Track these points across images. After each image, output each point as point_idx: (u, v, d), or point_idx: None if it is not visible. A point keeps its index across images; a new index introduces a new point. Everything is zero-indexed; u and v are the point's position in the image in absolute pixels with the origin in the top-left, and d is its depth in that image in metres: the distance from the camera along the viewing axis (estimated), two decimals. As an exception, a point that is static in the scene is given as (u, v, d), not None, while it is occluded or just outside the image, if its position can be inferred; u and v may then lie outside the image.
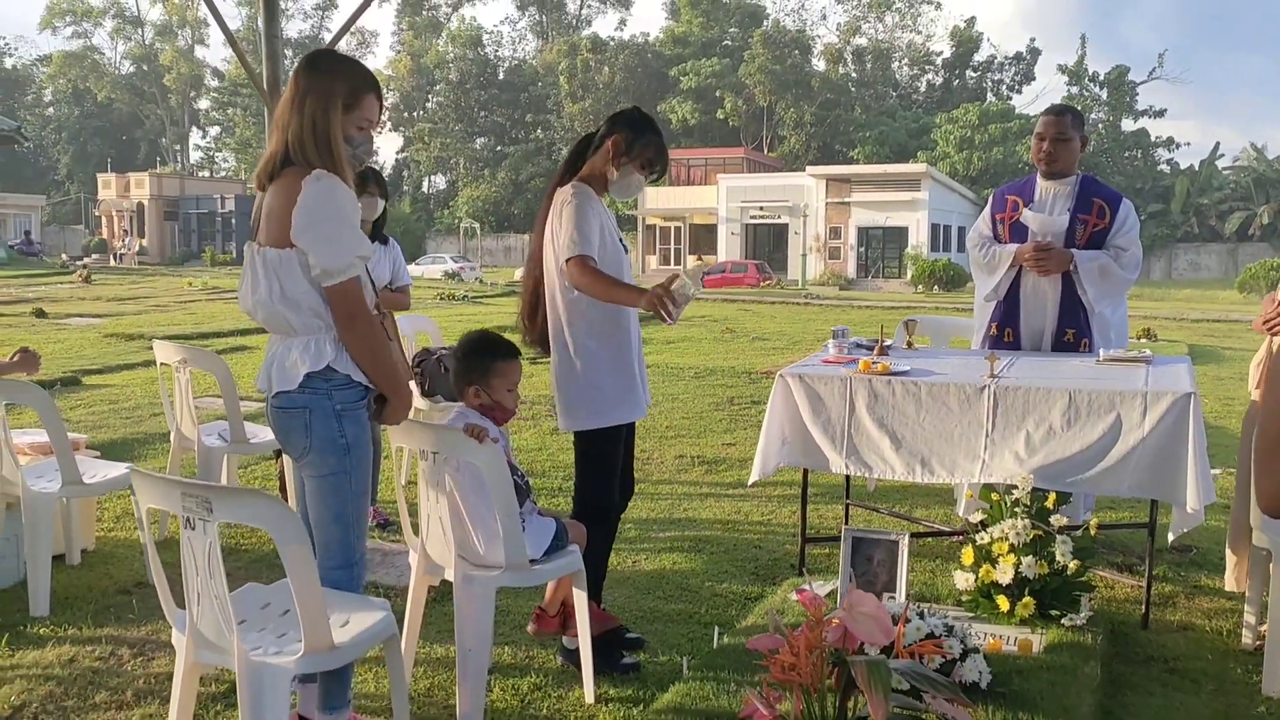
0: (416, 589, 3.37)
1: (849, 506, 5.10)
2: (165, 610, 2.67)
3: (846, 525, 4.46)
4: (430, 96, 70.85)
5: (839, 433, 4.17)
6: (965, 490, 4.80)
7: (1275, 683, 3.43)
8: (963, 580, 3.83)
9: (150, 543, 2.77)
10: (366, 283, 2.83)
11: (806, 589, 2.53)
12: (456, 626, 3.15)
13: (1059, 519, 3.75)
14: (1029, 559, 3.65)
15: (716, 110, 60.21)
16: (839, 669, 2.45)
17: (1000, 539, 3.74)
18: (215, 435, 4.92)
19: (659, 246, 51.33)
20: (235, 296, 19.70)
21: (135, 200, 56.20)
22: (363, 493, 2.87)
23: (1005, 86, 66.14)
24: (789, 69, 58.64)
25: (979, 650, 3.22)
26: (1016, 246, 4.76)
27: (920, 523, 5.13)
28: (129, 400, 8.88)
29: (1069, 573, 3.68)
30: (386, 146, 76.16)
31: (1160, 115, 59.70)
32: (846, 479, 4.96)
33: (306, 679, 2.90)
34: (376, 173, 5.14)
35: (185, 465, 5.16)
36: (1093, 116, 55.49)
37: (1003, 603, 3.68)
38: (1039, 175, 4.85)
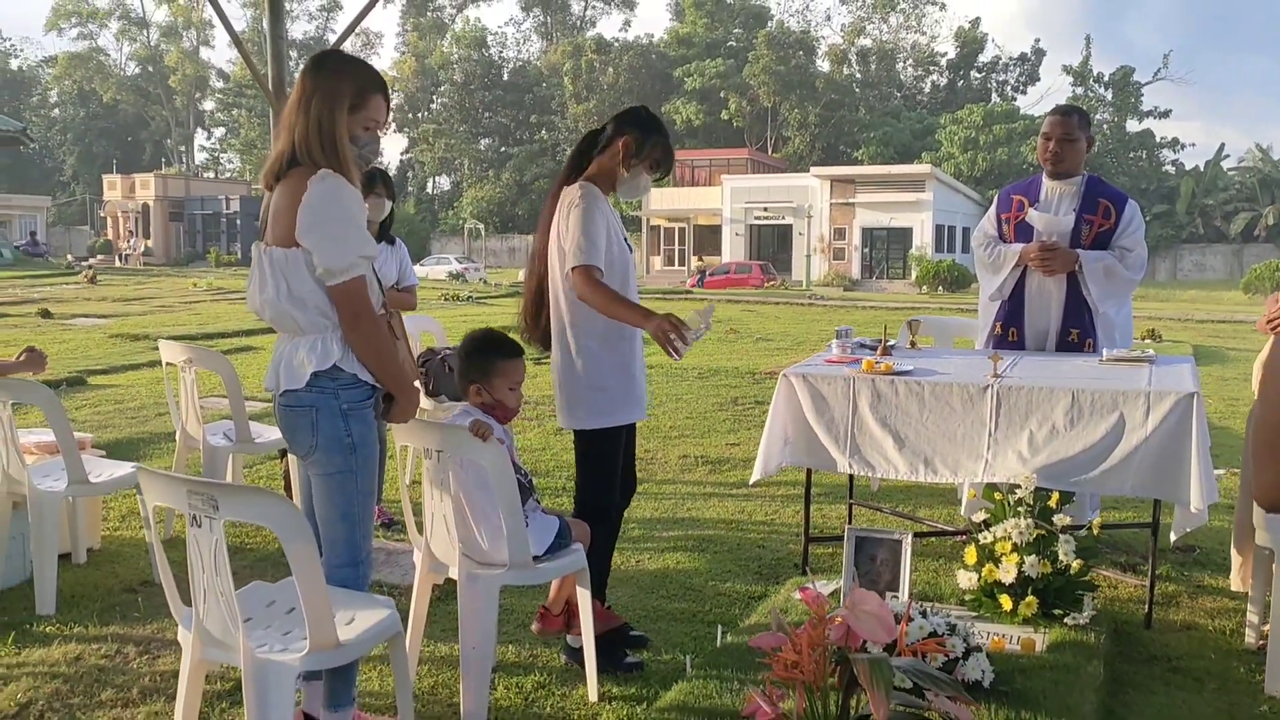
0: (421, 587, 3.38)
1: (852, 506, 5.10)
2: (171, 607, 2.68)
3: (850, 525, 4.46)
4: (435, 97, 70.93)
5: (842, 432, 4.18)
6: (968, 490, 4.81)
7: (1278, 682, 3.43)
8: (966, 579, 3.83)
9: (156, 540, 2.79)
10: (373, 282, 2.84)
11: (810, 588, 2.53)
12: (461, 625, 3.16)
13: (1062, 518, 3.75)
14: (1032, 558, 3.65)
15: (721, 111, 60.23)
16: (841, 667, 2.46)
17: (1003, 538, 3.74)
18: (220, 435, 4.94)
19: (663, 247, 51.34)
20: (240, 297, 19.70)
21: (140, 201, 56.30)
22: (368, 491, 2.88)
23: (1010, 87, 66.17)
24: (793, 70, 58.66)
25: (982, 649, 3.23)
26: (1022, 246, 4.76)
27: (923, 522, 5.13)
28: (134, 400, 8.90)
29: (1072, 572, 3.68)
30: (391, 147, 76.21)
31: (1165, 116, 59.65)
32: (850, 479, 4.96)
33: (311, 676, 2.91)
34: (384, 173, 5.15)
35: (191, 464, 5.18)
36: (1097, 117, 55.35)
37: (1006, 602, 3.69)
38: (1045, 175, 4.85)
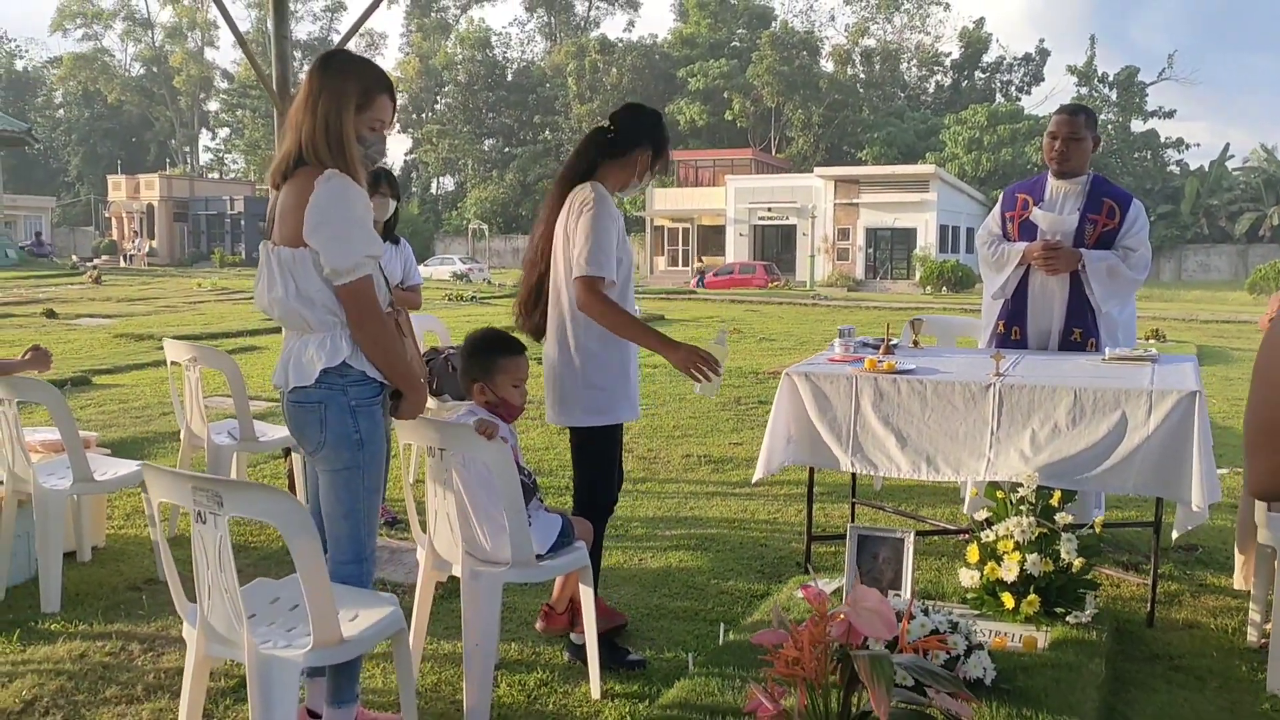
0: (424, 585, 3.39)
1: (855, 505, 5.11)
2: (176, 604, 2.70)
3: (852, 523, 4.47)
4: (439, 98, 70.97)
5: (845, 431, 4.19)
6: (970, 488, 4.81)
7: (1279, 680, 3.44)
8: (968, 578, 3.84)
9: (161, 537, 2.80)
10: (379, 281, 2.86)
11: (811, 585, 2.54)
12: (464, 622, 3.17)
13: (1064, 517, 3.76)
14: (1034, 556, 3.66)
15: (724, 111, 60.24)
16: (843, 664, 2.47)
17: (1005, 536, 3.74)
18: (225, 433, 4.95)
19: (667, 248, 51.35)
20: (244, 297, 19.71)
21: (145, 202, 56.40)
22: (375, 489, 2.89)
23: (1014, 87, 66.13)
24: (797, 70, 58.65)
25: (984, 647, 3.24)
26: (1025, 245, 4.76)
27: (926, 521, 5.14)
28: (139, 400, 8.92)
29: (1074, 570, 3.68)
30: (395, 148, 76.44)
31: (1170, 116, 59.60)
32: (853, 477, 4.97)
33: (315, 673, 2.93)
34: (388, 173, 5.15)
35: (195, 463, 5.19)
36: (1102, 117, 55.31)
37: (1008, 600, 3.69)
38: (1050, 174, 4.85)
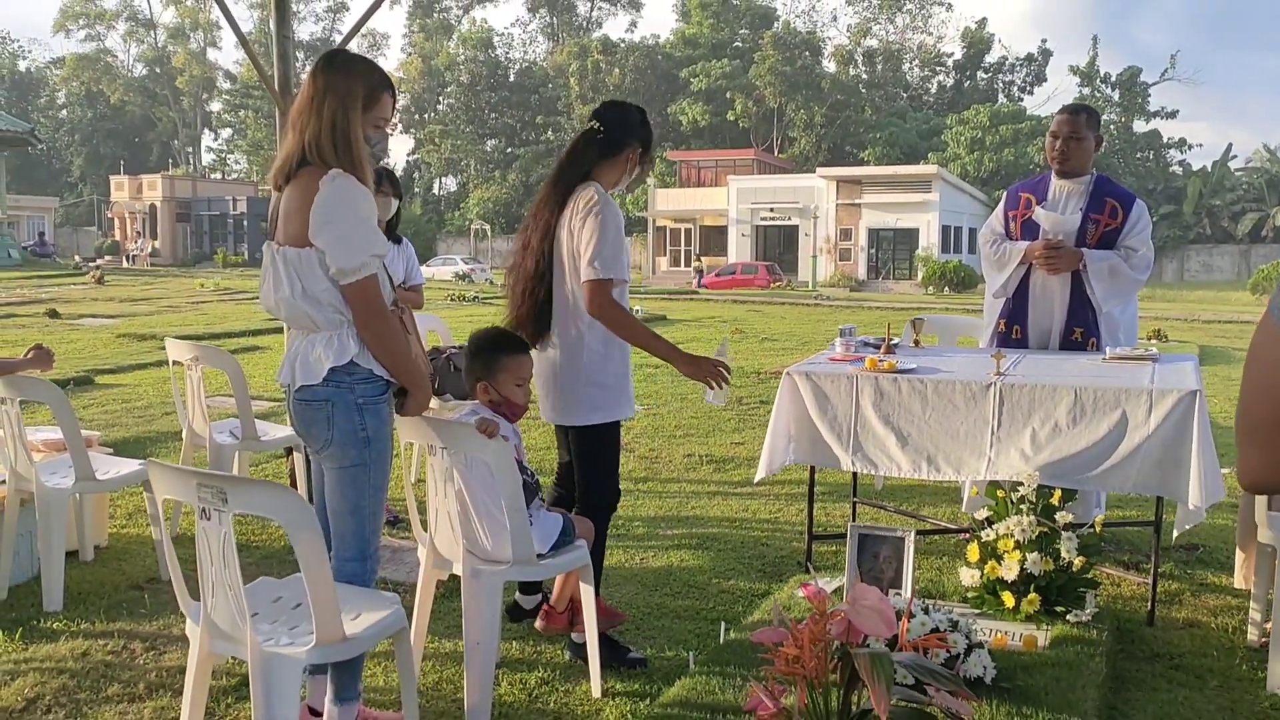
0: (425, 583, 3.40)
1: (856, 504, 5.11)
2: (180, 601, 2.71)
3: (853, 522, 4.47)
4: (441, 98, 70.99)
5: (845, 430, 4.19)
6: (970, 487, 4.81)
7: (1279, 679, 3.44)
8: (968, 576, 3.84)
9: (165, 535, 2.81)
10: (384, 279, 2.87)
11: (812, 584, 2.55)
12: (464, 621, 3.18)
13: (1064, 515, 3.76)
14: (1034, 555, 3.66)
15: (727, 112, 60.19)
16: (843, 662, 2.47)
17: (1006, 535, 3.75)
18: (227, 433, 4.96)
19: (669, 248, 51.33)
20: (247, 298, 19.67)
21: (148, 202, 56.46)
22: (381, 487, 2.91)
23: (1016, 88, 66.08)
24: (799, 70, 58.62)
25: (984, 645, 3.24)
26: (1027, 244, 4.76)
27: (927, 520, 5.14)
28: (141, 399, 8.93)
29: (1074, 569, 3.69)
30: (397, 148, 76.26)
31: (1172, 116, 59.63)
32: (854, 477, 4.97)
33: (316, 670, 2.94)
34: (390, 173, 5.15)
35: (197, 462, 5.20)
36: (1105, 118, 55.24)
37: (1008, 599, 3.70)
38: (1053, 173, 4.86)
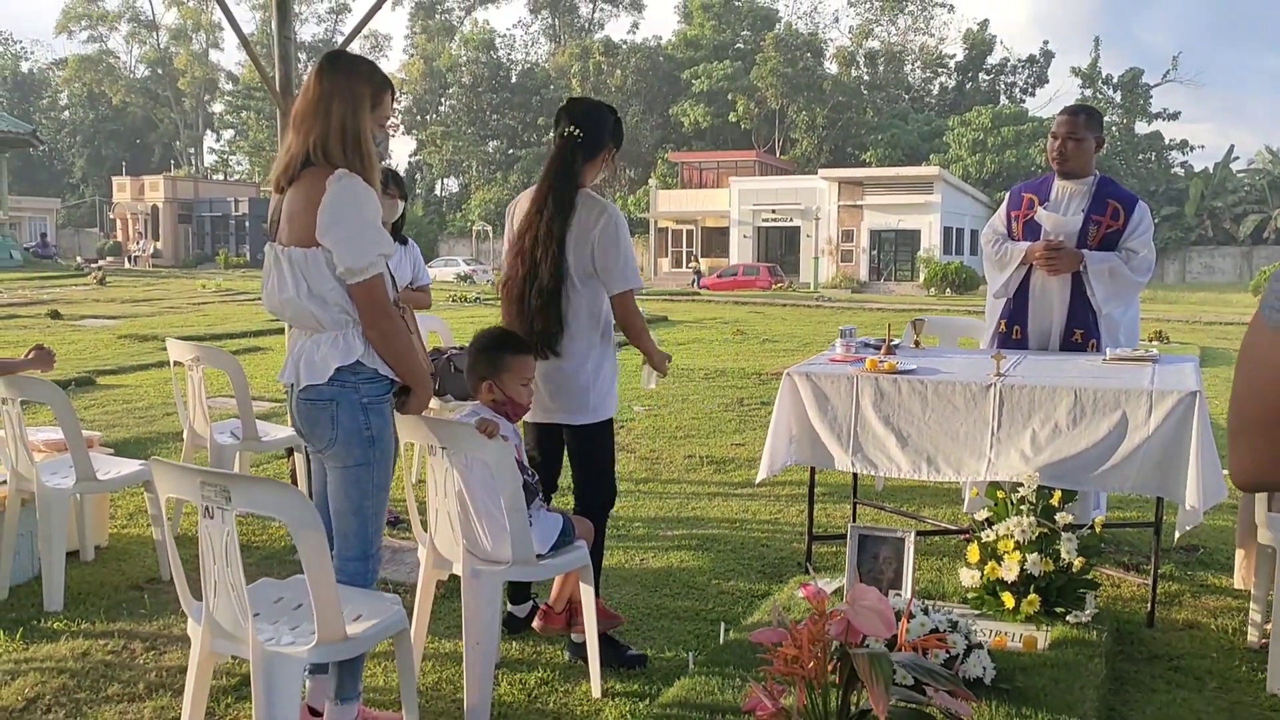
0: (425, 584, 3.40)
1: (856, 505, 5.11)
2: (181, 600, 2.71)
3: (853, 523, 4.47)
4: (443, 100, 70.98)
5: (845, 431, 4.19)
6: (970, 488, 4.81)
7: (1279, 680, 3.44)
8: (968, 577, 3.84)
9: (168, 534, 2.82)
10: (386, 279, 2.88)
11: (811, 584, 2.55)
12: (464, 621, 3.18)
13: (1064, 516, 3.76)
14: (1034, 556, 3.66)
15: (728, 113, 60.19)
16: (842, 662, 2.47)
17: (1006, 536, 3.75)
18: (228, 433, 4.97)
19: (671, 249, 51.33)
20: (249, 299, 19.64)
21: (150, 203, 56.47)
22: (383, 487, 2.93)
23: (1018, 89, 66.01)
24: (801, 72, 58.60)
25: (983, 646, 3.24)
26: (1027, 244, 4.76)
27: (927, 521, 5.14)
28: (142, 400, 8.94)
29: (1074, 570, 3.69)
30: (399, 149, 76.29)
31: (1174, 118, 59.48)
32: (854, 478, 4.97)
33: (317, 670, 2.94)
34: (395, 174, 5.10)
35: (198, 463, 5.19)
36: (1106, 119, 55.22)
37: (1008, 600, 3.70)
38: (1056, 174, 4.86)
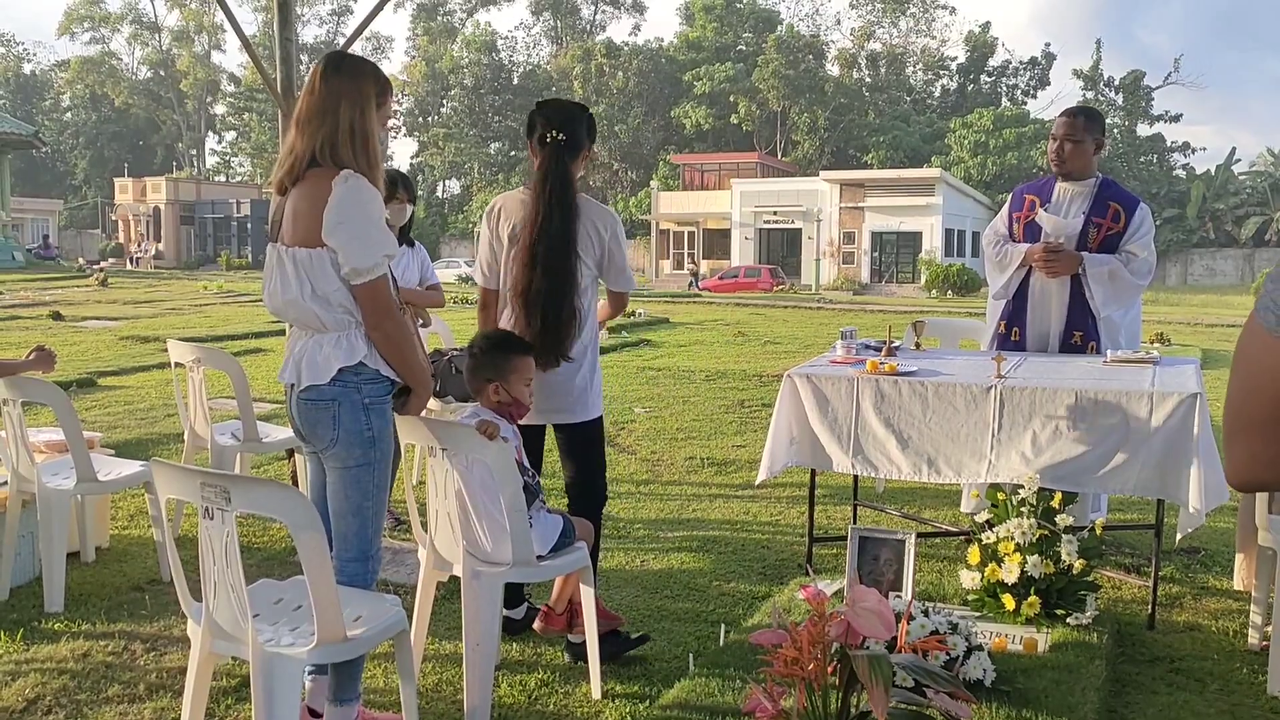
0: (425, 585, 3.40)
1: (857, 507, 5.11)
2: (181, 601, 2.71)
3: (854, 525, 4.47)
4: (445, 101, 70.99)
5: (845, 433, 4.19)
6: (971, 490, 4.81)
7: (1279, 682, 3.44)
8: (969, 579, 3.84)
9: (168, 535, 2.82)
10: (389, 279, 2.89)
11: (811, 585, 2.55)
12: (464, 622, 3.18)
13: (1065, 518, 3.76)
14: (1035, 558, 3.66)
15: (730, 115, 60.21)
16: (842, 664, 2.47)
17: (1006, 538, 3.74)
18: (228, 434, 4.97)
19: (672, 251, 51.35)
20: (251, 300, 19.62)
21: (152, 205, 56.53)
22: (383, 487, 2.93)
23: (1020, 91, 66.03)
24: (803, 74, 58.63)
25: (983, 648, 3.24)
26: (1027, 246, 4.76)
27: (928, 523, 5.14)
28: (143, 401, 8.94)
29: (1075, 572, 3.68)
30: (401, 151, 76.21)
31: (1176, 120, 59.47)
32: (855, 480, 4.97)
33: (317, 671, 2.94)
34: (405, 177, 5.02)
35: (199, 464, 5.20)
36: (1108, 121, 55.02)
37: (1008, 602, 3.69)
38: (1058, 176, 4.86)
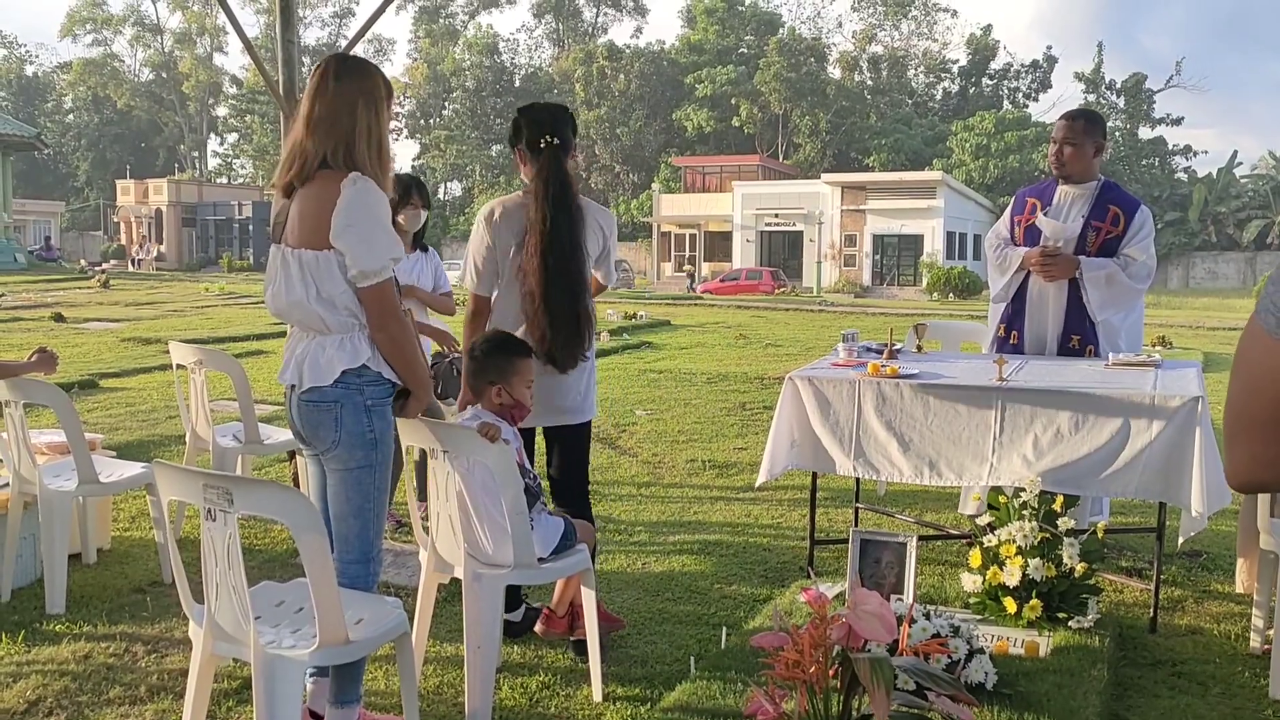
0: (426, 587, 3.40)
1: (858, 509, 5.10)
2: (183, 603, 2.71)
3: (855, 527, 4.47)
4: (446, 104, 71.03)
5: (847, 435, 4.19)
6: (972, 492, 4.81)
7: (1282, 686, 3.43)
8: (970, 582, 3.84)
9: (170, 537, 2.82)
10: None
11: (812, 588, 2.55)
12: (465, 625, 3.18)
13: (1066, 521, 3.75)
14: (1036, 561, 3.66)
15: (732, 118, 60.20)
16: (843, 667, 2.47)
17: (1008, 541, 3.74)
18: (230, 436, 4.96)
19: (674, 253, 51.34)
20: (252, 302, 19.62)
21: (154, 206, 56.56)
22: (384, 489, 2.93)
23: (1022, 94, 65.97)
24: (804, 76, 58.61)
25: (985, 651, 3.24)
26: (1026, 250, 4.76)
27: (929, 526, 5.13)
28: (145, 403, 8.94)
29: (1076, 575, 3.68)
30: (403, 153, 76.13)
31: (1178, 123, 59.38)
32: (856, 482, 4.96)
33: (318, 673, 2.94)
34: (420, 183, 4.98)
35: (200, 465, 5.20)
36: (1110, 124, 55.08)
37: (1010, 605, 3.69)
38: (1059, 179, 4.86)
